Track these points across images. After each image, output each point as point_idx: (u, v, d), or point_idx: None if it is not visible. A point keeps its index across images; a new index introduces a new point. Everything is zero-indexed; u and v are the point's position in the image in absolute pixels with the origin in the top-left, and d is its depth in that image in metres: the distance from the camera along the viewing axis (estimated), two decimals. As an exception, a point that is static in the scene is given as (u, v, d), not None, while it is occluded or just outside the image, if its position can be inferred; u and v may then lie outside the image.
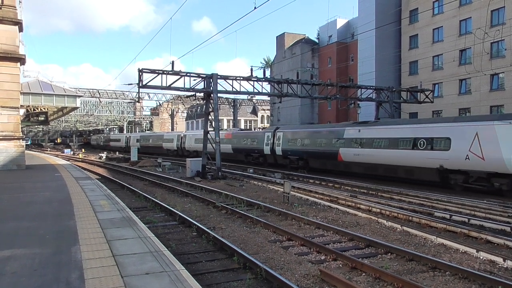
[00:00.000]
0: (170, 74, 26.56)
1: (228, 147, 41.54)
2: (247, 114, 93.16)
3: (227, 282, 7.92)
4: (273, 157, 35.48)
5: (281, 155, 34.25)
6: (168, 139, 59.12)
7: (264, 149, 36.33)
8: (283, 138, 33.85)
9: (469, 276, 7.98)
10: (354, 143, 26.37)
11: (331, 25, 57.38)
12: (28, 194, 13.82)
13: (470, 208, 15.27)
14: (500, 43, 35.98)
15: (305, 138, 31.61)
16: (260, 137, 37.28)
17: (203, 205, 16.95)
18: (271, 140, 35.44)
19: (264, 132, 37.61)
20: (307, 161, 31.41)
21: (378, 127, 25.67)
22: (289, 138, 33.34)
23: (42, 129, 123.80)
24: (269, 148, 35.55)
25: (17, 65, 24.02)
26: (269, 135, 35.98)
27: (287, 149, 33.23)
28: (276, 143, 34.59)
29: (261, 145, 36.79)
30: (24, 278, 5.61)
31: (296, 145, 32.19)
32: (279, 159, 35.04)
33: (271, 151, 35.37)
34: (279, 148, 34.32)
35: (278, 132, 34.93)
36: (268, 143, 35.80)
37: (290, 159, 33.22)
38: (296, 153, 32.40)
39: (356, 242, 10.79)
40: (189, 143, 52.51)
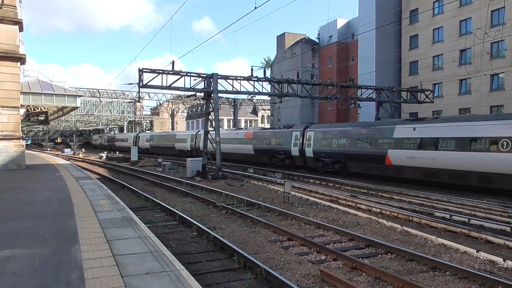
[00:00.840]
0: (171, 74, 26.55)
1: (249, 148, 38.34)
2: (247, 114, 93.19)
3: (227, 282, 7.92)
4: (303, 159, 31.58)
5: (312, 158, 30.36)
6: (181, 139, 55.16)
7: (291, 150, 32.39)
8: (315, 138, 30.05)
9: (469, 276, 7.98)
10: (408, 143, 22.72)
11: (332, 25, 57.37)
12: (28, 194, 13.82)
13: (470, 208, 15.26)
14: (500, 43, 35.98)
15: (342, 138, 27.77)
16: (287, 137, 33.22)
17: (204, 205, 16.95)
18: (299, 140, 31.55)
19: (292, 130, 33.18)
20: (345, 164, 27.59)
21: (441, 124, 21.79)
22: (322, 137, 29.54)
23: (42, 129, 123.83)
24: (298, 149, 31.61)
25: (17, 65, 24.03)
26: (298, 134, 31.94)
27: (320, 150, 29.40)
28: (306, 143, 30.72)
29: (287, 145, 32.87)
30: (24, 278, 5.60)
31: (331, 146, 28.29)
32: (309, 162, 31.08)
33: (300, 153, 31.48)
34: (309, 150, 30.46)
35: (309, 131, 31.02)
36: (296, 144, 31.86)
37: (324, 162, 29.30)
38: (331, 155, 28.45)
39: (356, 242, 10.79)
40: None
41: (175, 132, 63.41)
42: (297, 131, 32.29)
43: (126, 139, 77.02)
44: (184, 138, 54.58)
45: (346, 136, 27.70)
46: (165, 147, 59.17)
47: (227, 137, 41.23)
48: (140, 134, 73.94)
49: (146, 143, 65.38)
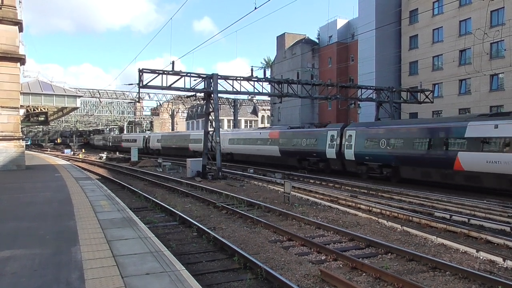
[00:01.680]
0: (171, 74, 26.57)
1: (274, 149, 34.82)
2: (247, 114, 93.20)
3: (228, 282, 7.92)
4: (340, 162, 28.00)
5: (354, 161, 26.63)
6: (196, 140, 50.48)
7: (326, 152, 28.84)
8: (357, 138, 26.33)
9: (469, 276, 7.99)
10: (488, 144, 18.86)
11: (331, 25, 57.38)
12: (28, 194, 13.82)
13: (470, 208, 15.27)
14: (500, 44, 35.98)
15: (394, 138, 24.00)
16: (321, 137, 29.65)
17: (204, 205, 16.95)
18: (337, 140, 28.00)
19: (327, 130, 29.57)
20: (397, 169, 23.92)
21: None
22: (367, 137, 25.93)
23: (42, 129, 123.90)
24: (334, 151, 28.03)
25: (17, 65, 24.03)
26: (334, 134, 28.38)
27: (364, 152, 25.76)
28: (346, 144, 27.06)
29: (321, 146, 29.24)
30: (24, 279, 5.60)
31: (379, 147, 24.57)
32: (349, 166, 27.41)
33: (337, 155, 27.84)
34: (350, 152, 26.73)
35: (349, 130, 27.36)
36: (332, 145, 28.35)
37: (368, 167, 25.72)
38: (379, 158, 24.73)
39: (356, 242, 10.79)
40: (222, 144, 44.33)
41: (189, 132, 60.16)
42: (334, 130, 28.67)
43: (134, 139, 73.95)
44: (199, 139, 49.24)
45: (399, 135, 23.89)
46: (178, 148, 55.86)
47: (248, 137, 39.12)
48: (150, 134, 70.85)
49: (157, 144, 62.76)
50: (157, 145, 62.53)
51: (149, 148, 65.51)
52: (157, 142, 63.21)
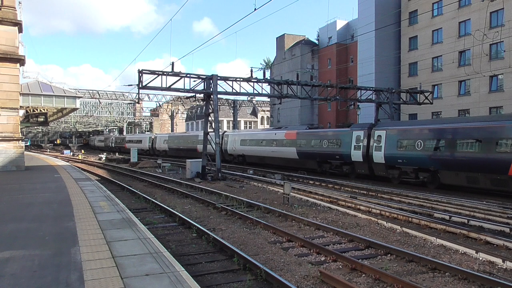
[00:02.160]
0: (170, 75, 26.56)
1: (292, 151, 32.60)
2: (247, 115, 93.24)
3: (227, 283, 7.92)
4: (368, 166, 25.62)
5: (384, 164, 24.24)
6: None
7: (351, 155, 26.51)
8: (388, 139, 24.08)
9: (468, 277, 7.99)
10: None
11: (331, 26, 57.44)
12: (28, 195, 13.81)
13: (470, 209, 15.28)
14: (499, 45, 36.03)
15: (434, 139, 21.68)
16: (345, 138, 27.38)
17: (203, 206, 16.95)
18: (363, 141, 25.84)
19: (351, 130, 27.32)
20: (436, 173, 21.56)
21: None
22: (400, 138, 23.54)
23: (42, 130, 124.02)
24: (361, 153, 25.80)
25: (16, 66, 24.04)
26: (360, 134, 26.18)
27: (396, 155, 23.39)
28: (375, 146, 24.80)
29: (346, 148, 27.01)
30: (24, 280, 5.60)
31: (415, 149, 22.22)
32: (378, 170, 24.98)
33: (364, 158, 25.62)
34: (379, 154, 24.42)
35: (378, 130, 25.03)
36: (358, 146, 26.16)
37: (401, 171, 23.44)
38: (414, 161, 22.42)
39: (356, 243, 10.79)
40: (233, 145, 41.98)
41: (197, 133, 55.80)
42: (360, 131, 26.46)
43: (139, 140, 71.48)
44: None
45: (440, 135, 21.48)
46: (186, 149, 53.00)
47: (262, 138, 36.90)
48: (157, 135, 68.25)
49: (163, 145, 60.48)
50: (163, 146, 60.54)
51: (155, 149, 63.56)
52: (163, 143, 61.04)
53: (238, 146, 40.57)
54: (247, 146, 39.02)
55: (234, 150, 41.61)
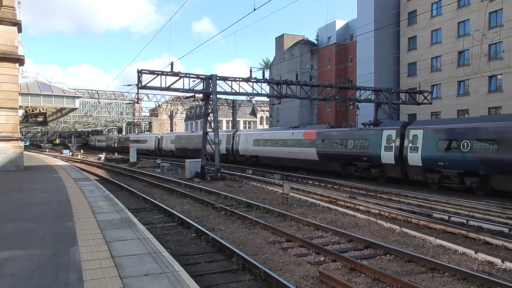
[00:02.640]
0: (169, 75, 26.57)
1: (311, 152, 30.12)
2: (246, 115, 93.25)
3: (226, 283, 7.92)
4: (400, 169, 23.30)
5: (421, 167, 21.91)
6: None
7: (381, 157, 24.13)
8: (426, 139, 21.75)
9: (467, 277, 8.00)
10: None
11: (330, 26, 57.49)
12: (27, 195, 13.81)
13: (469, 209, 15.29)
14: (498, 45, 36.09)
15: (483, 139, 19.20)
16: (373, 138, 25.03)
17: (202, 206, 16.95)
18: (395, 141, 23.48)
19: (381, 129, 24.89)
20: (487, 178, 19.26)
21: None
22: (441, 138, 21.09)
23: (41, 130, 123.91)
24: (392, 154, 23.45)
25: (15, 66, 24.03)
26: (392, 134, 23.81)
27: (437, 156, 20.94)
28: (410, 146, 22.44)
29: (374, 149, 24.64)
30: (23, 280, 5.60)
31: (461, 150, 19.77)
32: (414, 173, 22.65)
33: (396, 160, 23.23)
34: (415, 156, 22.06)
35: (414, 129, 22.66)
36: (390, 147, 23.72)
37: (443, 174, 21.08)
38: (460, 164, 20.01)
39: (355, 243, 10.80)
40: (245, 145, 39.62)
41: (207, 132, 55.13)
42: (391, 130, 24.08)
43: (144, 140, 68.79)
44: None
45: (493, 135, 18.90)
46: (193, 150, 48.85)
47: (277, 138, 34.69)
48: (163, 134, 65.68)
49: (170, 145, 58.35)
50: (170, 146, 58.25)
51: (161, 149, 61.48)
52: (170, 143, 58.52)
53: (251, 146, 38.38)
54: (261, 146, 36.90)
55: (246, 150, 39.46)
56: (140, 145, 66.25)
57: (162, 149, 61.28)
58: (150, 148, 64.80)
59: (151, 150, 64.12)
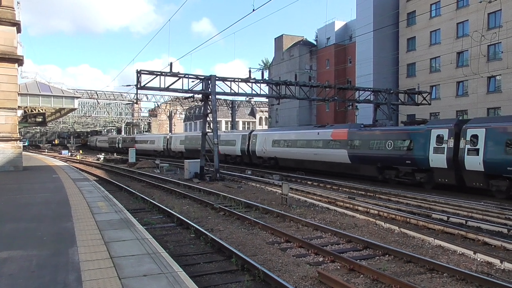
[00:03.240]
0: (168, 76, 26.57)
1: (341, 154, 27.26)
2: (245, 115, 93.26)
3: (225, 284, 7.92)
4: (455, 174, 20.44)
5: (482, 173, 19.09)
6: (228, 141, 43.00)
7: (429, 159, 21.29)
8: (490, 139, 18.90)
9: (466, 277, 8.00)
10: None
11: (329, 27, 57.51)
12: (26, 195, 13.79)
13: (468, 210, 15.31)
14: (497, 46, 36.12)
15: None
16: (419, 138, 22.24)
17: (201, 207, 16.94)
18: (448, 142, 20.56)
19: (430, 127, 21.99)
20: None
21: None
22: (510, 138, 18.21)
23: (40, 130, 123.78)
24: (444, 157, 20.53)
25: (14, 66, 24.00)
26: (443, 133, 20.92)
27: (504, 160, 18.16)
28: (468, 148, 19.59)
29: (420, 151, 21.86)
30: (22, 280, 5.59)
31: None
32: (472, 179, 19.81)
33: (449, 164, 20.36)
34: (475, 159, 19.22)
35: (473, 128, 19.80)
36: (440, 148, 20.84)
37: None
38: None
39: (354, 244, 10.80)
40: (263, 146, 36.67)
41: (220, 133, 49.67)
42: (442, 129, 21.14)
43: (152, 140, 66.18)
44: (231, 140, 42.87)
45: None
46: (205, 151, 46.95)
47: (300, 138, 32.08)
48: (172, 135, 62.89)
49: (179, 146, 55.47)
50: (180, 147, 55.54)
51: (170, 150, 58.91)
52: (179, 144, 55.68)
53: (269, 147, 35.67)
54: (281, 147, 34.24)
55: (264, 152, 36.65)
56: (147, 146, 64.77)
57: (171, 150, 58.72)
58: (158, 149, 62.32)
59: (159, 151, 61.78)
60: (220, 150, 42.09)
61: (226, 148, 42.39)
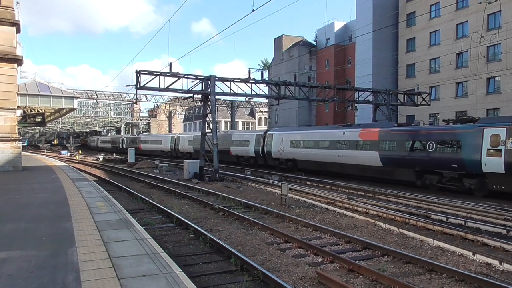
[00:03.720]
0: (168, 76, 26.57)
1: (372, 157, 24.71)
2: (244, 116, 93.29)
3: (224, 284, 7.91)
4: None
5: None
6: (241, 141, 40.63)
7: (482, 163, 18.77)
8: None
9: (465, 278, 8.00)
10: None
11: (329, 27, 57.53)
12: (25, 195, 13.78)
13: (467, 211, 15.31)
14: (496, 47, 36.12)
15: None
16: (467, 138, 19.57)
17: (201, 207, 16.93)
18: (506, 143, 18.01)
19: (481, 127, 19.32)
20: None
21: None
22: None
23: (39, 131, 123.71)
24: (502, 161, 18.02)
25: (14, 66, 23.98)
26: (500, 133, 18.35)
27: None
28: None
29: (470, 153, 19.24)
30: (20, 280, 5.59)
31: None
32: None
33: (507, 169, 17.85)
34: None
35: None
36: (495, 151, 18.30)
37: None
38: None
39: (353, 245, 10.80)
40: (279, 147, 34.02)
41: (230, 132, 47.37)
42: (498, 128, 18.47)
43: (158, 141, 63.64)
44: (245, 141, 40.15)
45: None
46: None
47: (323, 139, 29.50)
48: (180, 135, 60.14)
49: (188, 147, 52.84)
50: (188, 148, 52.77)
51: (178, 151, 56.08)
52: (188, 145, 52.82)
53: (287, 148, 33.12)
54: (300, 148, 31.66)
55: (281, 153, 34.06)
56: (154, 146, 62.49)
57: (179, 151, 55.79)
58: (165, 150, 59.81)
59: (166, 152, 59.34)
60: (232, 151, 41.68)
61: (239, 149, 40.58)
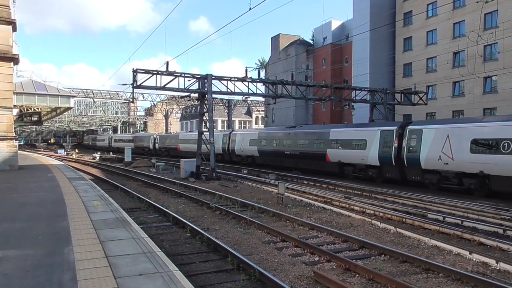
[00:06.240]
0: (165, 75, 26.50)
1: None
2: (241, 115, 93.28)
3: (221, 283, 7.91)
4: None
5: None
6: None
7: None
8: None
9: (462, 277, 8.02)
10: None
11: (326, 26, 57.52)
12: (21, 194, 13.73)
13: (463, 210, 15.34)
14: (493, 46, 36.21)
15: None
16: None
17: (197, 206, 16.92)
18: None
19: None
20: None
21: None
22: None
23: (36, 129, 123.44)
24: None
25: (10, 65, 23.88)
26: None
27: None
28: None
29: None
30: (16, 280, 5.57)
31: None
32: None
33: None
34: None
35: None
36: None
37: None
38: None
39: (350, 244, 10.81)
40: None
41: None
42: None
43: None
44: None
45: None
46: None
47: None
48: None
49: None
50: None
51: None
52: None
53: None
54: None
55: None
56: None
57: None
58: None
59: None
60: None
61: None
